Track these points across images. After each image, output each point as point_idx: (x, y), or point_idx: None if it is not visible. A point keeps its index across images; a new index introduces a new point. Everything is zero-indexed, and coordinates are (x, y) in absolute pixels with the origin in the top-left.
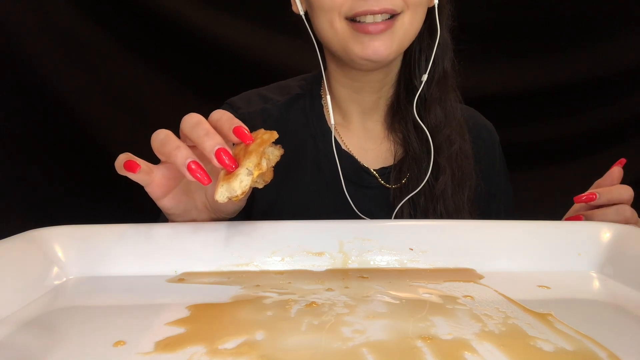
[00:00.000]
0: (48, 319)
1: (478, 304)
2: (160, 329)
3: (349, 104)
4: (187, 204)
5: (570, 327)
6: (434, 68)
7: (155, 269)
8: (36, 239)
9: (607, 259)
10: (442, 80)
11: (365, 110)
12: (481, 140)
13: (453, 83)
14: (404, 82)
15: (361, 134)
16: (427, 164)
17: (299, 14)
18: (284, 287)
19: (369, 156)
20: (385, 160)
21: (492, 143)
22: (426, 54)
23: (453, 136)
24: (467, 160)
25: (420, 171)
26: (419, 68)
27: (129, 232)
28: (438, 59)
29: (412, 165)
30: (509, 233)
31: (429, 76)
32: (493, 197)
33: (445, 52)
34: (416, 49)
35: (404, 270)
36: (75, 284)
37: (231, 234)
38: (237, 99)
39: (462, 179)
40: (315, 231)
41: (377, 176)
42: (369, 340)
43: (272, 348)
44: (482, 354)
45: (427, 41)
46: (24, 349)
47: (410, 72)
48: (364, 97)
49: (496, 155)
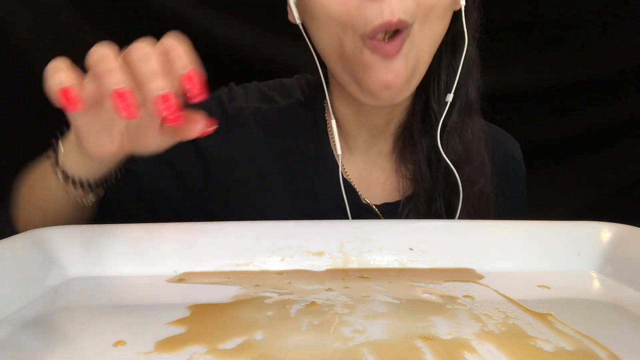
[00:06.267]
0: (48, 319)
1: (478, 304)
2: (160, 329)
3: (353, 128)
4: (105, 124)
5: (570, 327)
6: (457, 92)
7: (155, 269)
8: (36, 239)
9: (607, 259)
10: (464, 107)
11: (373, 136)
12: (508, 174)
13: (478, 112)
14: (420, 105)
15: (365, 162)
16: (440, 205)
17: (295, 24)
18: (284, 287)
19: (371, 190)
20: (389, 194)
21: (518, 176)
22: (448, 72)
23: (474, 175)
24: (487, 203)
25: (430, 212)
26: (439, 90)
27: (129, 232)
28: (462, 80)
29: (422, 204)
30: (509, 233)
31: (451, 101)
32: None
33: (470, 72)
34: (436, 68)
35: (404, 270)
36: (75, 284)
37: (231, 234)
38: (239, 87)
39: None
40: (315, 231)
41: (379, 214)
42: (369, 340)
43: (272, 348)
44: (482, 354)
45: (450, 56)
46: (24, 349)
47: (428, 94)
48: (370, 121)
49: (518, 191)
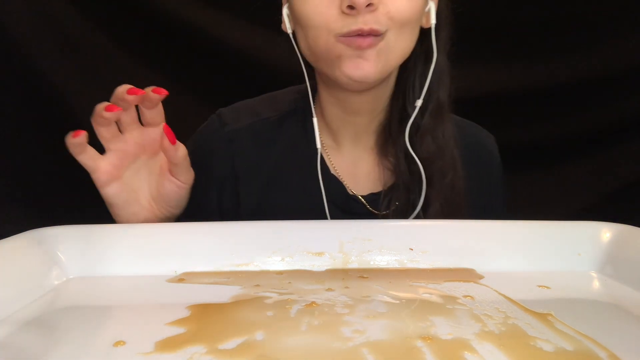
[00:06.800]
0: (48, 319)
1: (478, 304)
2: (160, 329)
3: (340, 126)
4: (129, 196)
5: (570, 327)
6: (429, 96)
7: (155, 269)
8: (36, 239)
9: (607, 259)
10: (436, 110)
11: (358, 133)
12: (481, 164)
13: (449, 114)
14: (397, 108)
15: (352, 158)
16: (417, 196)
17: (287, 33)
18: (284, 287)
19: (358, 182)
20: (374, 186)
21: (491, 166)
22: (420, 80)
23: (445, 168)
24: (459, 194)
25: (408, 201)
26: (413, 94)
27: (129, 232)
28: (433, 86)
29: (401, 194)
30: (509, 233)
31: (423, 105)
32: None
33: (441, 80)
34: (411, 75)
35: (404, 270)
36: (75, 284)
37: (231, 234)
38: (227, 111)
39: (450, 213)
40: (315, 231)
41: (365, 203)
42: (369, 340)
43: (272, 348)
44: (482, 354)
45: (422, 66)
46: (24, 349)
47: (404, 99)
48: (355, 119)
49: (493, 179)
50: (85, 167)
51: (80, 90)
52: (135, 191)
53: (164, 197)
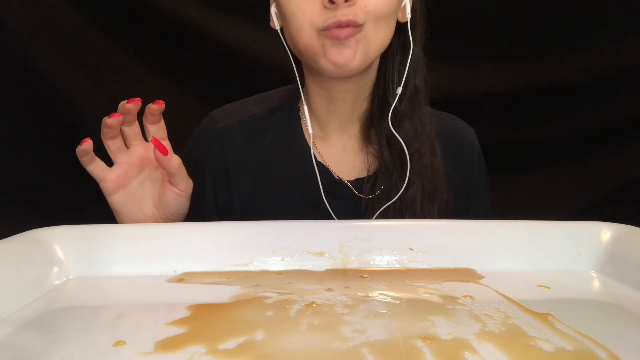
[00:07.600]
0: (48, 319)
1: (478, 304)
2: (160, 329)
3: (325, 116)
4: (134, 205)
5: (570, 327)
6: (406, 84)
7: (155, 269)
8: (36, 239)
9: (607, 259)
10: (413, 96)
11: (342, 122)
12: (462, 152)
13: (425, 99)
14: (378, 96)
15: (338, 146)
16: (398, 177)
17: (276, 29)
18: (284, 287)
19: (344, 168)
20: (359, 171)
21: (472, 154)
22: (399, 71)
23: (422, 150)
24: (438, 175)
25: (391, 183)
26: (392, 83)
27: (129, 232)
28: (410, 75)
29: (385, 177)
30: (509, 233)
31: (401, 92)
32: (467, 209)
33: (417, 69)
34: (390, 65)
35: (404, 270)
36: (75, 284)
37: (231, 234)
38: (219, 112)
39: (432, 193)
40: (315, 231)
41: (351, 187)
42: (369, 340)
43: (272, 348)
44: (482, 354)
45: (400, 57)
46: (24, 349)
47: (385, 88)
48: (339, 108)
49: (475, 166)
50: (94, 176)
51: (80, 90)
52: (139, 200)
53: (165, 204)
